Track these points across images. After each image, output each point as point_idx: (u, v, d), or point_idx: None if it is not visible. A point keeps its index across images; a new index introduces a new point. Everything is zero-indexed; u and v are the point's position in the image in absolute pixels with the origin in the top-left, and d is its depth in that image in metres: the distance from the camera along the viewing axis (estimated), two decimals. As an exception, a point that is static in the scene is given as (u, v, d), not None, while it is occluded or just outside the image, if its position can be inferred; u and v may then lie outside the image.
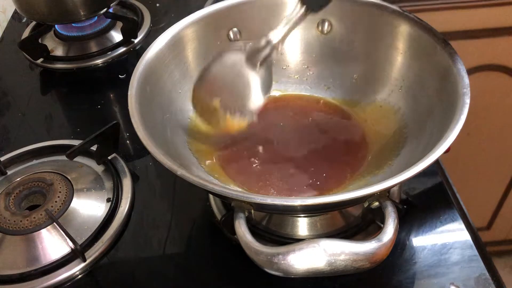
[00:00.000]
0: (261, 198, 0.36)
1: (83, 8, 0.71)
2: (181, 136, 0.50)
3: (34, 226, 0.48)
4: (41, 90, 0.73)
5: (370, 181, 0.46)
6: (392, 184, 0.35)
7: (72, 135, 0.63)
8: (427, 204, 0.50)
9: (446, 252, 0.46)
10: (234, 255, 0.47)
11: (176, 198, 0.54)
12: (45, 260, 0.47)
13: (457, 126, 0.38)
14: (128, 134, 0.61)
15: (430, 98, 0.46)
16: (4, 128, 0.66)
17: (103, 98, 0.68)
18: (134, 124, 0.41)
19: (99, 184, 0.54)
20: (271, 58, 0.47)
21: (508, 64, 0.98)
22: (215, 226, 0.50)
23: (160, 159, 0.38)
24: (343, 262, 0.33)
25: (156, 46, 0.49)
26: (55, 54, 0.76)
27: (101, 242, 0.48)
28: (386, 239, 0.35)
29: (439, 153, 0.37)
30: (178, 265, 0.48)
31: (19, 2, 0.72)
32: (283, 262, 0.34)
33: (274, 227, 0.48)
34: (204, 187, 0.37)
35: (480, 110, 0.93)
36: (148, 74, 0.47)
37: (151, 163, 0.58)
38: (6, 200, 0.50)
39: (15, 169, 0.57)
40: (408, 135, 0.48)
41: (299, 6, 0.44)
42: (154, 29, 0.80)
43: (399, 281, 0.45)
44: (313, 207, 0.38)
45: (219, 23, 0.54)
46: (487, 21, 0.92)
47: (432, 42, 0.46)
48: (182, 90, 0.52)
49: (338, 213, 0.49)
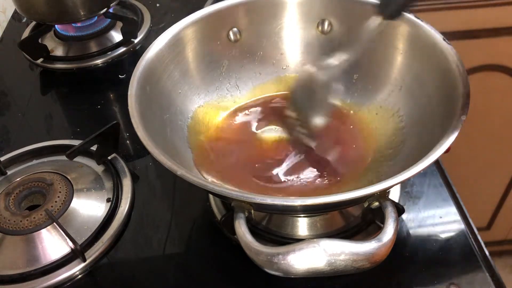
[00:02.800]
0: (261, 198, 0.36)
1: (83, 8, 0.71)
2: (181, 136, 0.50)
3: (34, 226, 0.48)
4: (41, 90, 0.73)
5: (370, 181, 0.46)
6: (392, 184, 0.35)
7: (72, 135, 0.63)
8: (427, 204, 0.50)
9: (446, 252, 0.46)
10: (234, 255, 0.47)
11: (176, 198, 0.54)
12: (45, 260, 0.47)
13: (457, 126, 0.38)
14: (128, 134, 0.61)
15: (430, 98, 0.46)
16: (4, 128, 0.66)
17: (103, 98, 0.68)
18: (134, 124, 0.41)
19: (99, 184, 0.54)
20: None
21: (508, 64, 0.98)
22: (215, 226, 0.50)
23: (160, 159, 0.38)
24: (343, 262, 0.33)
25: (156, 46, 0.49)
26: (55, 54, 0.76)
27: (101, 242, 0.48)
28: (386, 239, 0.35)
29: (439, 153, 0.37)
30: (178, 265, 0.48)
31: (19, 2, 0.72)
32: (283, 262, 0.34)
33: (274, 227, 0.48)
34: (204, 187, 0.37)
35: (480, 110, 0.92)
36: (148, 74, 0.47)
37: (151, 163, 0.58)
38: (6, 200, 0.50)
39: (15, 169, 0.57)
40: (408, 135, 0.48)
41: (377, 17, 0.44)
42: (154, 29, 0.80)
43: (399, 281, 0.45)
44: (313, 207, 0.38)
45: (219, 23, 0.54)
46: (487, 21, 0.92)
47: (432, 42, 0.46)
48: (182, 90, 0.52)
49: (338, 213, 0.49)
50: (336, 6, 0.54)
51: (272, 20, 0.55)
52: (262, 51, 0.56)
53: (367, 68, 0.54)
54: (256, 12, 0.55)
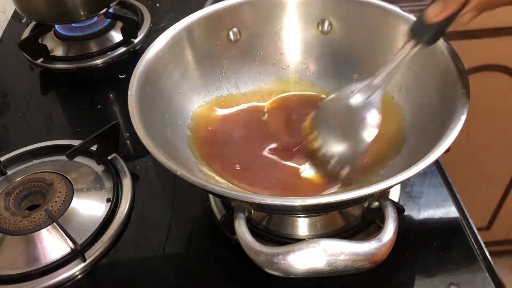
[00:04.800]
0: (261, 198, 0.36)
1: (83, 8, 0.71)
2: (181, 136, 0.50)
3: (34, 226, 0.48)
4: (41, 90, 0.73)
5: (370, 181, 0.46)
6: (392, 184, 0.35)
7: (72, 135, 0.63)
8: (427, 204, 0.50)
9: (446, 252, 0.46)
10: (234, 255, 0.47)
11: (176, 198, 0.54)
12: (45, 260, 0.47)
13: (457, 126, 0.38)
14: (128, 134, 0.61)
15: (430, 98, 0.46)
16: (4, 128, 0.66)
17: (103, 98, 0.68)
18: (134, 124, 0.41)
19: (99, 184, 0.54)
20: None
21: (508, 64, 0.98)
22: (215, 226, 0.50)
23: (160, 159, 0.38)
24: (343, 262, 0.33)
25: (156, 46, 0.49)
26: (55, 54, 0.76)
27: (101, 242, 0.48)
28: (386, 239, 0.35)
29: (439, 153, 0.37)
30: (178, 265, 0.48)
31: (19, 2, 0.72)
32: (283, 262, 0.34)
33: (274, 227, 0.48)
34: (204, 187, 0.37)
35: (480, 110, 0.93)
36: (148, 74, 0.47)
37: (151, 163, 0.58)
38: (6, 200, 0.50)
39: (15, 169, 0.57)
40: (408, 135, 0.48)
41: (410, 42, 0.43)
42: (154, 29, 0.80)
43: (399, 281, 0.45)
44: (313, 207, 0.38)
45: (219, 23, 0.54)
46: (487, 21, 0.92)
47: (432, 42, 0.46)
48: (182, 90, 0.52)
49: (338, 213, 0.49)
50: (336, 6, 0.54)
51: (272, 20, 0.55)
52: (262, 51, 0.56)
53: (367, 68, 0.53)
54: (256, 12, 0.55)
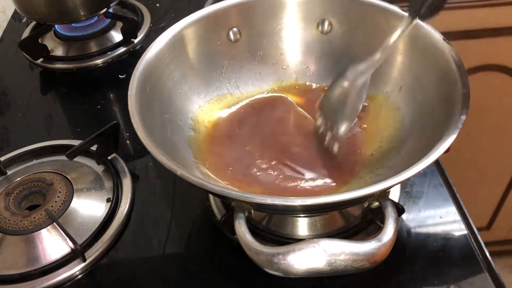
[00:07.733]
0: (261, 198, 0.36)
1: (83, 8, 0.71)
2: (181, 136, 0.50)
3: (34, 226, 0.48)
4: (41, 90, 0.73)
5: (370, 181, 0.46)
6: (392, 184, 0.35)
7: (72, 135, 0.63)
8: (427, 204, 0.50)
9: (446, 252, 0.46)
10: (234, 255, 0.47)
11: (176, 198, 0.54)
12: (45, 260, 0.47)
13: (457, 126, 0.38)
14: (128, 134, 0.61)
15: (430, 98, 0.46)
16: (4, 128, 0.66)
17: (103, 98, 0.68)
18: (134, 124, 0.41)
19: (99, 184, 0.54)
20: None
21: (508, 64, 0.98)
22: (215, 226, 0.50)
23: (160, 159, 0.38)
24: (343, 262, 0.33)
25: (156, 46, 0.49)
26: (55, 54, 0.76)
27: (101, 242, 0.48)
28: (386, 239, 0.35)
29: (439, 153, 0.37)
30: (178, 265, 0.48)
31: (19, 2, 0.72)
32: (283, 262, 0.34)
33: (274, 227, 0.48)
34: (204, 187, 0.37)
35: (480, 110, 0.93)
36: (148, 74, 0.47)
37: (151, 163, 0.58)
38: (6, 200, 0.50)
39: (15, 169, 0.57)
40: (408, 135, 0.48)
41: (409, 17, 0.44)
42: (154, 29, 0.80)
43: (399, 281, 0.45)
44: (313, 207, 0.38)
45: (219, 23, 0.54)
46: (487, 21, 0.92)
47: (432, 42, 0.46)
48: (182, 90, 0.52)
49: (338, 213, 0.49)
50: (336, 6, 0.54)
51: (272, 20, 0.55)
52: (262, 51, 0.56)
53: (367, 68, 0.54)
54: (256, 12, 0.55)
